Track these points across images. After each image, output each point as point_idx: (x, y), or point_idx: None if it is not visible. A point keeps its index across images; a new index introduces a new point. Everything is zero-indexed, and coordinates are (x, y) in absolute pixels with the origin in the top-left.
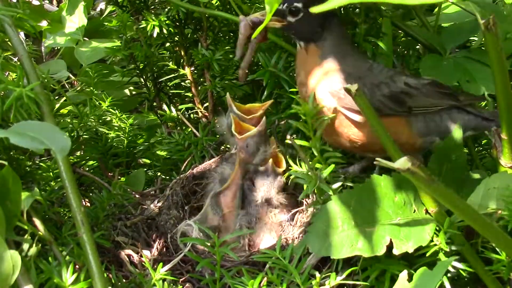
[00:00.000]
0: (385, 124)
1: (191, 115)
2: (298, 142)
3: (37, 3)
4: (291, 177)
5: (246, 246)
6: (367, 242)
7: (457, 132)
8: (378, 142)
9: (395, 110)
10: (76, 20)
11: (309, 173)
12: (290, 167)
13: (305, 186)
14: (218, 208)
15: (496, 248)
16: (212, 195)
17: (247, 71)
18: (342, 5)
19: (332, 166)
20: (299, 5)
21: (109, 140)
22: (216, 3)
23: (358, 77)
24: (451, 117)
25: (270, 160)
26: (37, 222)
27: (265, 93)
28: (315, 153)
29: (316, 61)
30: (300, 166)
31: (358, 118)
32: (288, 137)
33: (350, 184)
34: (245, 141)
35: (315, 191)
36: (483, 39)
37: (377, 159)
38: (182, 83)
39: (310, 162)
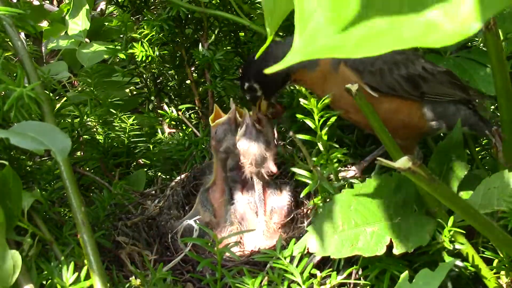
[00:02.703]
0: (399, 105)
1: (192, 115)
2: (301, 137)
3: (38, 3)
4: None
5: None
6: (367, 241)
7: (457, 132)
8: (387, 122)
9: (408, 93)
10: (79, 23)
11: (312, 171)
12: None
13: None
14: (208, 204)
15: (496, 248)
16: (201, 192)
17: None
18: (291, 64)
19: (336, 165)
20: (251, 83)
21: (109, 140)
22: (216, 3)
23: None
24: (456, 106)
25: (247, 117)
26: (38, 222)
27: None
28: (321, 149)
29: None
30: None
31: (375, 94)
32: (291, 133)
33: (353, 181)
34: (215, 128)
35: (318, 189)
36: (482, 39)
37: (378, 158)
38: (183, 83)
39: (315, 159)
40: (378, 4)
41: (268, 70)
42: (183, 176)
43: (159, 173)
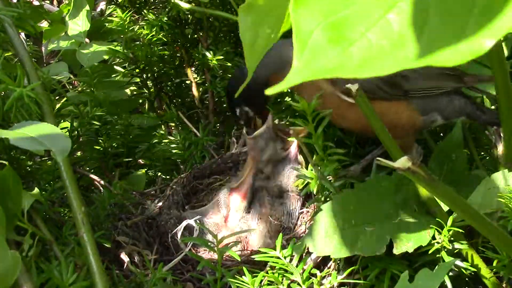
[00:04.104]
0: (384, 107)
1: (192, 115)
2: (298, 138)
3: (38, 3)
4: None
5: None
6: (367, 241)
7: (457, 132)
8: None
9: (390, 94)
10: (79, 23)
11: (312, 170)
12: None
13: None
14: (224, 205)
15: (496, 248)
16: (224, 191)
17: None
18: (294, 85)
19: (335, 164)
20: (242, 108)
21: (109, 140)
22: (216, 3)
23: None
24: (450, 96)
25: (295, 144)
26: (38, 222)
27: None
28: (317, 150)
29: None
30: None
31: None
32: (291, 132)
33: (353, 181)
34: (256, 140)
35: (317, 188)
36: None
37: (377, 158)
38: (183, 83)
39: (313, 159)
40: (380, 23)
41: (269, 91)
42: (183, 176)
43: (159, 173)
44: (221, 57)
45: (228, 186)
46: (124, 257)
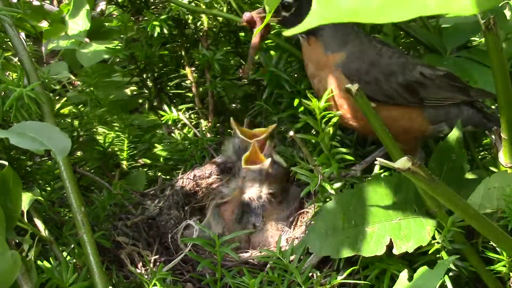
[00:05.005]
0: (399, 112)
1: (192, 115)
2: (303, 136)
3: (38, 3)
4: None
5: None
6: (367, 241)
7: (457, 132)
8: (388, 129)
9: (407, 100)
10: (79, 23)
11: (313, 170)
12: (297, 163)
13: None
14: (219, 218)
15: (497, 248)
16: (213, 206)
17: (251, 69)
18: (315, 26)
19: (337, 164)
20: (290, 0)
21: (109, 140)
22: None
23: (371, 64)
24: (459, 107)
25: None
26: (38, 222)
27: (265, 93)
28: (324, 149)
29: (321, 53)
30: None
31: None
32: (291, 133)
33: (354, 181)
34: (246, 172)
35: (318, 189)
36: (483, 39)
37: (377, 159)
38: (183, 83)
39: (316, 159)
40: None
41: (287, 33)
42: (183, 176)
43: (159, 173)
44: (221, 57)
45: (215, 202)
46: (124, 257)
